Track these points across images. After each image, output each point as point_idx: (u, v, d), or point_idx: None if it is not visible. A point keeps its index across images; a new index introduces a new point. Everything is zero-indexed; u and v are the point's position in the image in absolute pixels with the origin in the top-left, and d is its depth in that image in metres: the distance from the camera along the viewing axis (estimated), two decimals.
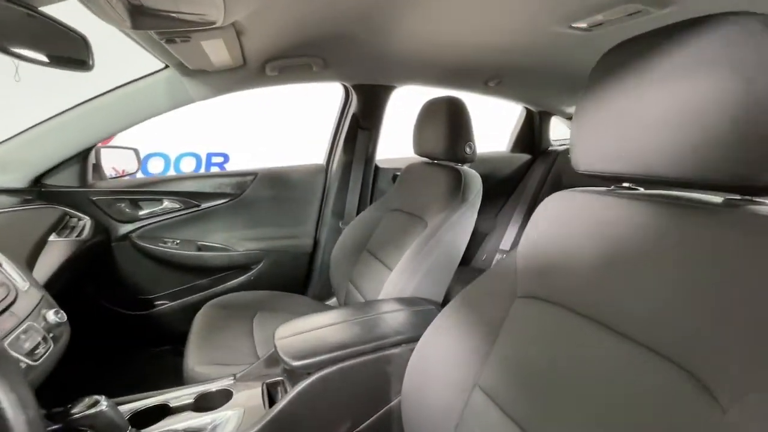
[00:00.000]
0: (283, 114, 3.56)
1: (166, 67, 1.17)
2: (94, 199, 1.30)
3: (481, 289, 0.72)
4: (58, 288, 1.03)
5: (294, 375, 0.79)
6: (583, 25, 0.96)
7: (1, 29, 0.53)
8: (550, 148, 2.03)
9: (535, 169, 1.97)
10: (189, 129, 3.37)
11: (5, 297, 0.65)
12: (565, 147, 1.98)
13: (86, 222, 1.25)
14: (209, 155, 3.63)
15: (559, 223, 0.63)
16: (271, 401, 0.80)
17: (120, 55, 1.10)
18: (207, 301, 1.30)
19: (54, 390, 1.35)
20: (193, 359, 1.00)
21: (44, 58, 0.61)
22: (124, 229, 1.37)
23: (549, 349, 0.55)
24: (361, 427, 0.80)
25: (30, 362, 0.61)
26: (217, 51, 0.99)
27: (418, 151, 1.32)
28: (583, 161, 0.60)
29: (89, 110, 1.16)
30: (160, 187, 1.41)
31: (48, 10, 0.63)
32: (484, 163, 1.70)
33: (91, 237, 1.21)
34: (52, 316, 0.70)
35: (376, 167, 1.72)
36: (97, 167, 1.37)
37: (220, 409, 0.77)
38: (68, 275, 1.09)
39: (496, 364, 0.61)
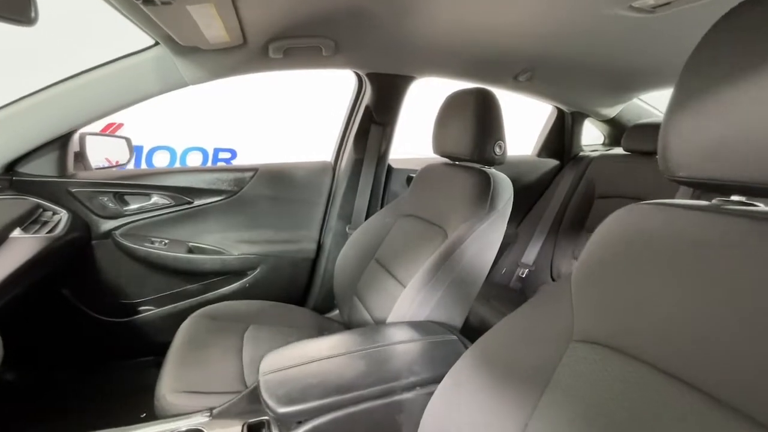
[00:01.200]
0: (296, 108, 3.46)
1: (156, 44, 1.02)
2: (74, 191, 1.16)
3: (527, 324, 0.55)
4: (19, 290, 0.89)
5: (281, 421, 0.63)
6: (651, 1, 0.79)
7: None
8: (581, 154, 1.84)
9: (563, 177, 1.79)
10: (197, 123, 3.29)
11: None
12: (599, 153, 1.79)
13: (62, 216, 1.11)
14: (216, 150, 3.53)
15: (632, 247, 0.47)
16: None
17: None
18: (196, 309, 1.15)
19: (23, 397, 1.21)
20: (167, 384, 0.85)
21: None
22: (107, 225, 1.23)
23: (616, 411, 0.38)
24: None
25: None
26: (210, 23, 0.84)
27: (439, 150, 1.16)
28: (679, 164, 0.43)
29: (68, 90, 1.02)
30: (149, 180, 1.27)
31: None
32: (506, 167, 1.55)
33: (66, 233, 1.07)
34: None
35: (389, 167, 1.55)
36: (81, 156, 1.23)
37: None
38: (34, 276, 0.95)
39: (546, 420, 0.44)
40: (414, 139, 1.86)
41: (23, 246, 0.92)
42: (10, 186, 1.08)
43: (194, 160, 3.43)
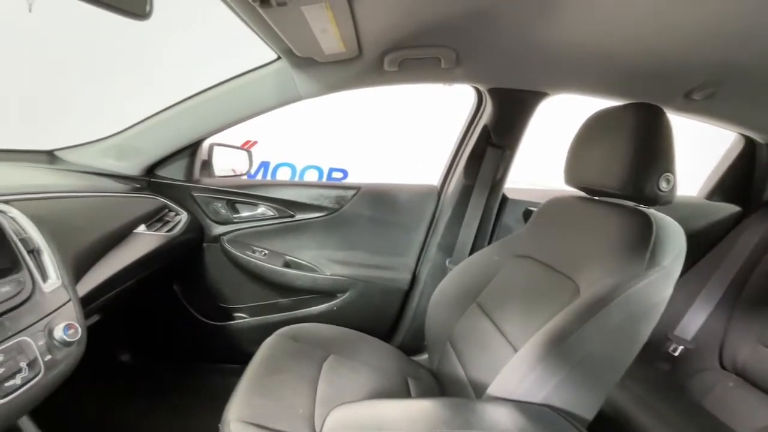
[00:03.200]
0: (410, 130, 3.49)
1: (278, 59, 1.04)
2: (195, 195, 1.25)
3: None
4: (134, 281, 0.95)
5: None
6: None
7: None
8: None
9: (748, 228, 1.31)
10: (317, 142, 3.54)
11: (8, 299, 0.51)
12: None
13: (182, 217, 1.19)
14: (331, 170, 3.74)
15: None
16: None
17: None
18: (282, 325, 1.11)
19: (131, 377, 1.31)
20: (235, 410, 0.78)
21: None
22: (218, 230, 1.29)
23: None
24: None
25: None
26: (326, 27, 0.79)
27: (574, 180, 0.92)
28: None
29: (198, 103, 1.10)
30: (259, 191, 1.30)
31: None
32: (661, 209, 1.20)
33: (182, 233, 1.14)
34: (61, 331, 0.54)
35: (504, 197, 1.34)
36: (207, 164, 1.33)
37: None
38: (148, 269, 1.01)
39: None
40: (539, 167, 1.62)
41: (143, 242, 0.99)
42: (147, 186, 1.20)
43: (311, 177, 3.69)
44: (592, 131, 0.89)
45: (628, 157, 0.77)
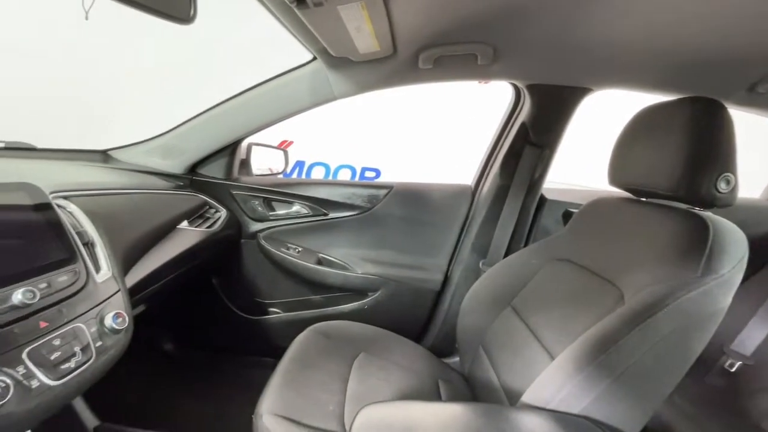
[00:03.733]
0: (444, 132, 3.46)
1: (314, 59, 1.06)
2: (234, 193, 1.29)
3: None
4: (175, 275, 1.00)
5: None
6: None
7: None
8: None
9: None
10: (351, 142, 3.59)
11: (65, 288, 0.55)
12: None
13: (222, 214, 1.24)
14: (363, 169, 3.77)
15: None
16: None
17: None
18: (314, 321, 1.13)
19: (173, 366, 1.38)
20: (268, 403, 0.80)
21: (149, 4, 0.48)
22: (254, 227, 1.33)
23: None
24: None
25: (47, 381, 0.47)
26: (360, 26, 0.79)
27: (619, 180, 0.87)
28: None
29: (237, 105, 1.15)
30: (294, 189, 1.33)
31: None
32: (719, 212, 1.11)
33: (222, 230, 1.18)
34: (111, 320, 0.58)
35: (542, 197, 1.29)
36: (246, 163, 1.38)
37: None
38: (189, 264, 1.05)
39: None
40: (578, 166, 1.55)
41: (185, 237, 1.04)
42: (190, 184, 1.26)
43: (344, 176, 3.74)
44: (642, 127, 0.83)
45: (682, 155, 0.71)
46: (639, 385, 0.64)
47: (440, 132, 3.49)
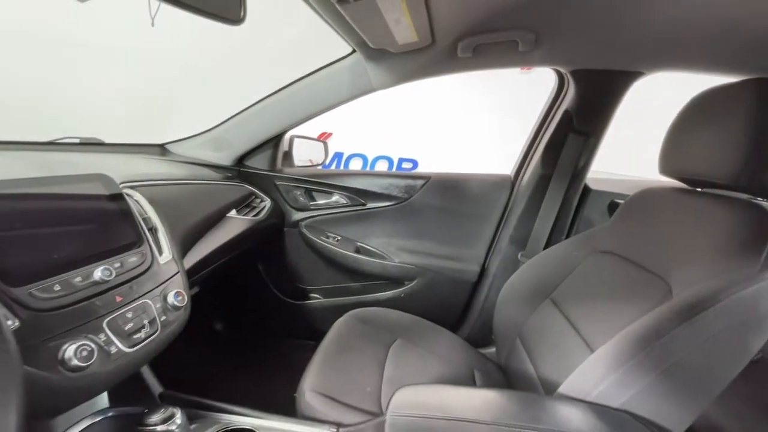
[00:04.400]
0: (483, 121, 3.40)
1: (353, 52, 1.08)
2: (277, 183, 1.36)
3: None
4: (225, 259, 1.07)
5: None
6: None
7: None
8: None
9: None
10: (388, 134, 3.61)
11: (135, 267, 0.62)
12: None
13: (267, 204, 1.30)
14: (401, 160, 3.79)
15: None
16: None
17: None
18: (352, 308, 1.17)
19: (222, 346, 1.49)
20: (310, 382, 0.85)
21: (202, 6, 0.53)
22: (296, 216, 1.39)
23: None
24: None
25: (123, 348, 0.54)
26: (399, 18, 0.80)
27: (671, 169, 0.82)
28: None
29: (280, 99, 1.20)
30: (333, 180, 1.38)
31: None
32: None
33: (266, 218, 1.25)
34: (172, 297, 0.64)
35: (586, 187, 1.24)
36: (288, 155, 1.44)
37: None
38: (237, 250, 1.13)
39: None
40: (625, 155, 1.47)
41: (234, 225, 1.11)
42: (237, 175, 1.34)
43: (381, 167, 3.78)
44: (698, 113, 0.78)
45: (744, 143, 0.66)
46: (686, 382, 0.62)
47: (479, 121, 3.42)
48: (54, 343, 0.46)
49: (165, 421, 0.55)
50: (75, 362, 0.46)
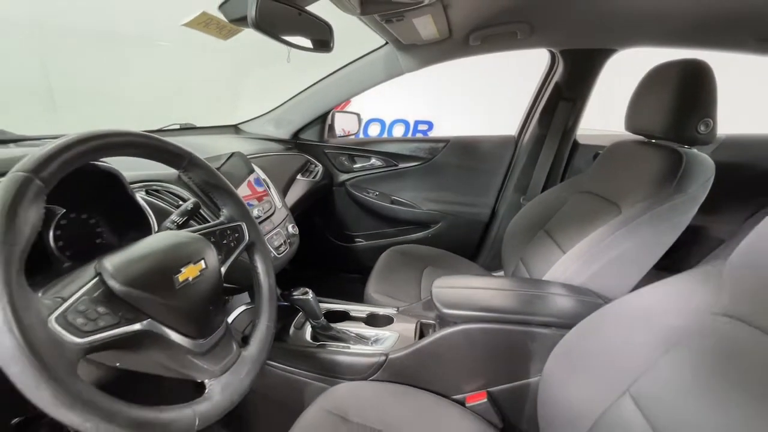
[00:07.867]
0: (489, 86, 3.57)
1: (385, 44, 1.37)
2: (326, 152, 1.70)
3: (664, 293, 0.62)
4: (297, 213, 1.44)
5: (443, 321, 0.89)
6: None
7: (277, 24, 0.77)
8: None
9: None
10: (402, 98, 3.82)
11: (269, 210, 0.99)
12: None
13: (319, 169, 1.65)
14: (416, 122, 4.03)
15: None
16: (421, 336, 0.93)
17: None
18: (391, 247, 1.54)
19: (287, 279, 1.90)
20: (372, 287, 1.23)
21: (303, 44, 0.85)
22: (342, 177, 1.74)
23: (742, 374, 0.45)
24: (494, 388, 0.83)
25: (275, 254, 0.91)
26: (425, 26, 1.09)
27: (631, 126, 1.12)
28: None
29: (328, 83, 1.51)
30: (370, 146, 1.70)
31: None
32: (735, 149, 1.30)
33: (320, 180, 1.60)
34: (290, 229, 1.02)
35: (575, 143, 1.54)
36: (331, 127, 1.76)
37: (383, 328, 0.96)
38: (304, 206, 1.49)
39: (663, 376, 0.53)
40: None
41: (302, 185, 1.46)
42: (295, 146, 1.68)
43: (398, 130, 4.03)
44: (649, 84, 1.07)
45: (670, 106, 0.96)
46: (624, 265, 0.96)
47: (487, 87, 3.58)
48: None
49: (303, 294, 0.93)
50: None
